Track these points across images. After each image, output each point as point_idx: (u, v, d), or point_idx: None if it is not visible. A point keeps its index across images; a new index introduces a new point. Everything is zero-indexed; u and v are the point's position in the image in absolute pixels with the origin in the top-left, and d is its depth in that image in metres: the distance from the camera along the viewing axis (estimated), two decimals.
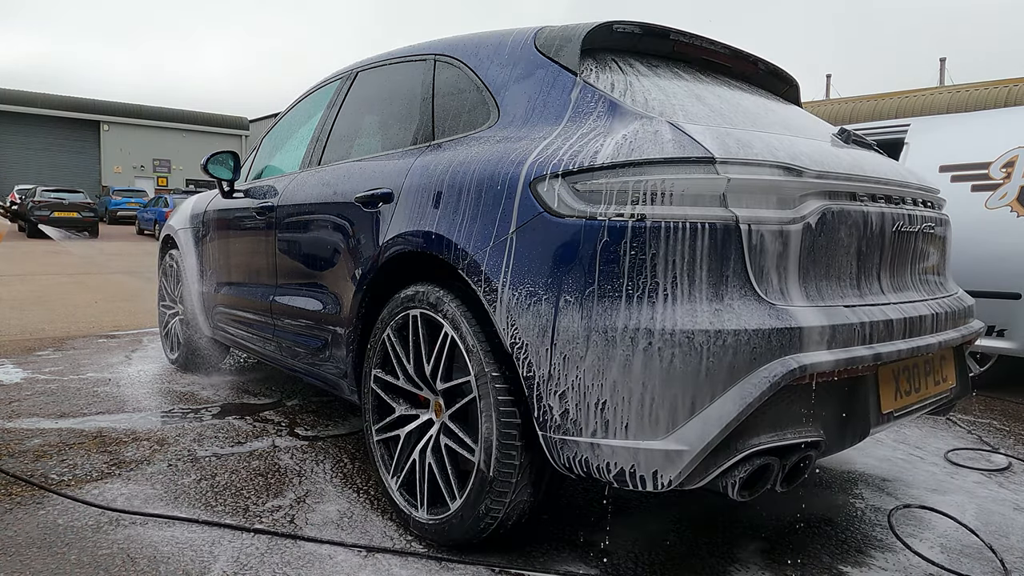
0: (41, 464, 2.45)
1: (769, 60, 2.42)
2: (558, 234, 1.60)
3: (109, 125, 36.25)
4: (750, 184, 1.53)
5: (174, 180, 36.89)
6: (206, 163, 3.29)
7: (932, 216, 2.02)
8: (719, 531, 2.09)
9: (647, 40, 2.09)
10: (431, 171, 2.02)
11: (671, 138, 1.57)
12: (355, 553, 1.88)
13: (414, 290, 1.98)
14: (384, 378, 2.11)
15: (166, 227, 4.21)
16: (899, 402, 1.79)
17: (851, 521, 2.20)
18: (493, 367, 1.72)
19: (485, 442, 1.73)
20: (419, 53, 2.47)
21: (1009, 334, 3.55)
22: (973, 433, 3.20)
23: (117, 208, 25.95)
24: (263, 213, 2.94)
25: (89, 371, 3.93)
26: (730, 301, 1.49)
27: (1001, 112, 4.15)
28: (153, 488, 2.27)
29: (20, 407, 3.16)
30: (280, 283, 2.82)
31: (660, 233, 1.50)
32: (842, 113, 16.90)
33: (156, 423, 3.00)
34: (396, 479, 2.06)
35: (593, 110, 1.76)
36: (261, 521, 2.05)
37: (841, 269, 1.68)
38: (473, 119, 2.09)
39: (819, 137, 1.96)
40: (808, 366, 1.46)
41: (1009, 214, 3.57)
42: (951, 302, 2.03)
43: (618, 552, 1.93)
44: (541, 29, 2.08)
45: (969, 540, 2.08)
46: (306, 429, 2.97)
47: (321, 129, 2.88)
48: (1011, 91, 14.37)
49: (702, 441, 1.43)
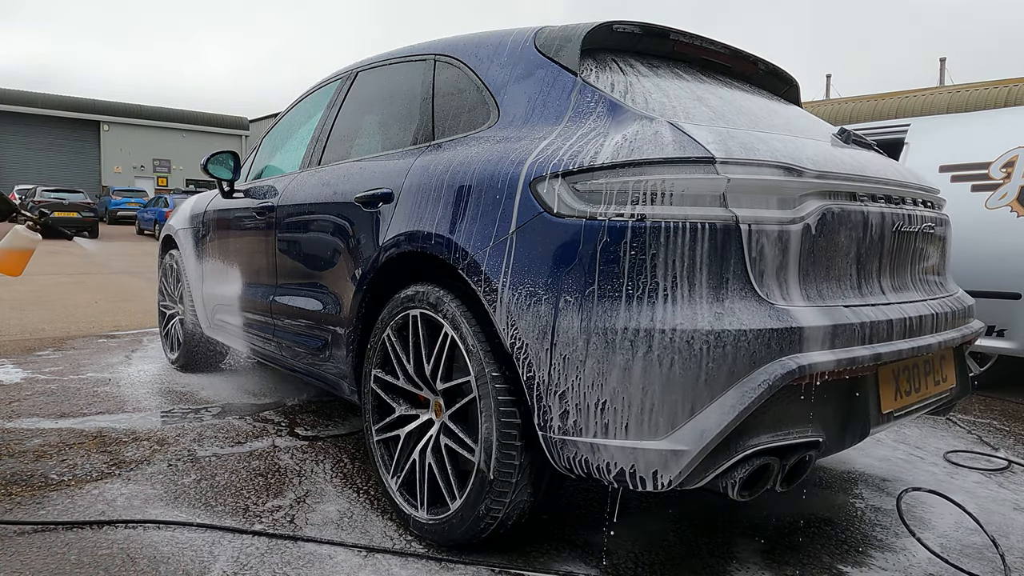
0: (41, 464, 2.45)
1: (769, 60, 2.42)
2: (558, 234, 1.60)
3: (109, 125, 36.23)
4: (750, 184, 1.53)
5: (174, 180, 36.87)
6: (206, 163, 3.29)
7: (932, 216, 2.02)
8: (719, 531, 2.09)
9: (647, 40, 2.09)
10: (431, 171, 2.02)
11: (671, 138, 1.57)
12: (355, 553, 1.88)
13: (414, 290, 1.98)
14: (384, 378, 2.11)
15: (166, 227, 4.21)
16: (899, 402, 1.79)
17: (851, 521, 2.20)
18: (493, 367, 1.72)
19: (485, 442, 1.73)
20: (419, 53, 2.47)
21: (1009, 334, 3.55)
22: (973, 433, 3.20)
23: (117, 208, 25.93)
24: (263, 213, 2.94)
25: (89, 371, 3.93)
26: (730, 301, 1.49)
27: (1001, 112, 4.15)
28: (153, 488, 2.27)
29: (20, 407, 3.16)
30: (280, 283, 2.82)
31: (660, 233, 1.50)
32: (842, 113, 16.90)
33: (156, 423, 3.00)
34: (396, 479, 2.06)
35: (593, 110, 1.76)
36: (261, 521, 2.05)
37: (841, 269, 1.68)
38: (473, 119, 2.09)
39: (819, 137, 1.96)
40: (808, 366, 1.46)
41: (1009, 214, 3.57)
42: (951, 302, 2.03)
43: (618, 552, 1.93)
44: (541, 29, 2.08)
45: (970, 539, 2.08)
46: (306, 429, 2.97)
47: (321, 129, 2.88)
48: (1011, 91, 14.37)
49: (702, 441, 1.43)
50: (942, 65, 22.18)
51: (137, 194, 27.24)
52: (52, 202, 18.69)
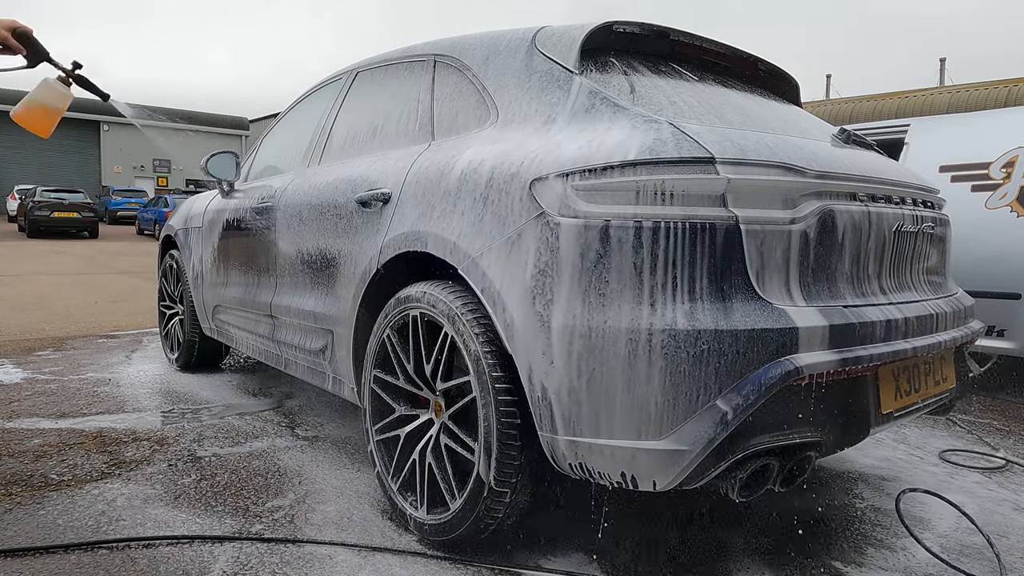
0: (41, 464, 2.45)
1: (769, 60, 2.42)
2: (558, 234, 1.59)
3: (109, 125, 36.20)
4: (750, 184, 1.53)
5: (174, 180, 36.86)
6: (206, 163, 3.29)
7: (932, 216, 2.02)
8: (719, 531, 2.09)
9: (647, 40, 2.09)
10: (431, 171, 2.02)
11: (671, 138, 1.57)
12: (355, 553, 1.88)
13: (414, 290, 1.98)
14: (384, 378, 2.11)
15: (166, 227, 4.21)
16: (899, 402, 1.79)
17: (851, 521, 2.20)
18: (493, 367, 1.72)
19: (485, 442, 1.73)
20: (419, 53, 2.47)
21: (1009, 334, 3.55)
22: (973, 433, 3.20)
23: (117, 208, 25.94)
24: (263, 213, 2.94)
25: (89, 371, 3.93)
26: (730, 301, 1.49)
27: (1001, 112, 4.15)
28: (153, 488, 2.27)
29: (20, 407, 3.16)
30: (280, 283, 2.82)
31: (660, 233, 1.49)
32: (842, 113, 16.90)
33: (156, 423, 3.00)
34: (396, 479, 2.06)
35: (593, 110, 1.76)
36: (261, 521, 2.05)
37: (841, 269, 1.68)
38: (473, 119, 2.09)
39: (819, 137, 1.96)
40: (808, 366, 1.46)
41: (1009, 214, 3.57)
42: (951, 302, 2.03)
43: (618, 552, 1.93)
44: (541, 29, 2.08)
45: (969, 539, 2.08)
46: (306, 429, 2.97)
47: (321, 129, 2.88)
48: (1011, 91, 14.37)
49: (701, 441, 1.43)
50: (942, 65, 22.18)
51: (137, 194, 27.25)
52: (52, 202, 18.69)
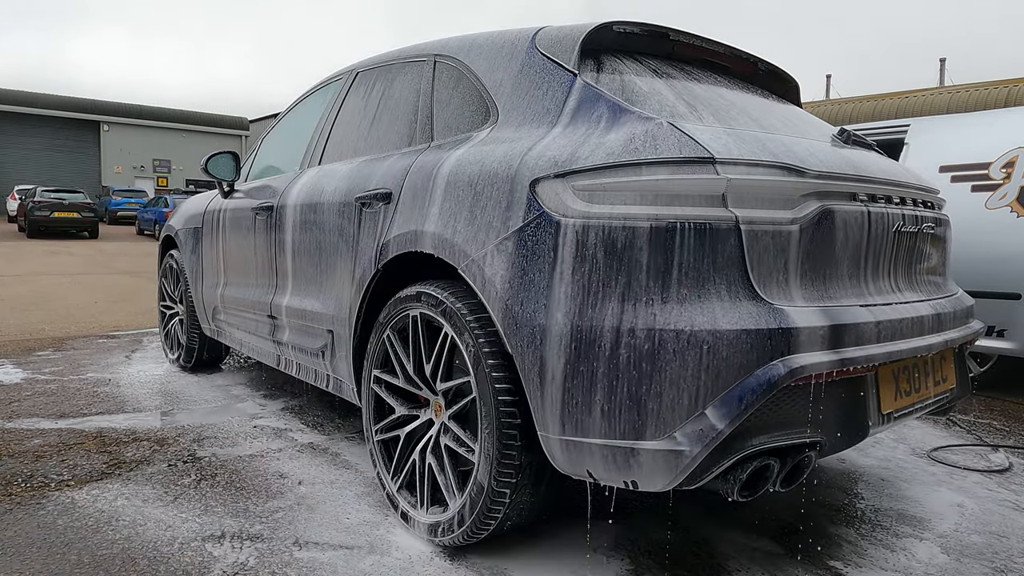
0: (41, 464, 2.45)
1: (769, 60, 2.42)
2: (558, 234, 1.60)
3: (109, 125, 36.19)
4: (750, 184, 1.53)
5: (174, 180, 36.86)
6: (206, 163, 3.29)
7: (932, 216, 2.02)
8: (719, 531, 2.09)
9: (647, 40, 2.09)
10: (431, 171, 2.02)
11: (671, 138, 1.57)
12: (355, 553, 1.88)
13: (414, 290, 1.98)
14: (384, 378, 2.11)
15: (166, 227, 4.21)
16: (899, 402, 1.79)
17: (851, 521, 2.20)
18: (493, 367, 1.72)
19: (485, 443, 1.73)
20: (418, 53, 2.47)
21: (1009, 334, 3.55)
22: (973, 433, 3.20)
23: (117, 208, 25.91)
24: (263, 213, 2.94)
25: (89, 371, 3.93)
26: (730, 302, 1.49)
27: (1001, 112, 4.15)
28: (153, 488, 2.27)
29: (20, 407, 3.16)
30: (280, 283, 2.82)
31: (660, 233, 1.50)
32: (842, 113, 16.91)
33: (156, 423, 3.00)
34: (396, 479, 2.06)
35: (593, 110, 1.76)
36: (261, 522, 2.05)
37: (841, 270, 1.68)
38: (473, 119, 2.09)
39: (819, 137, 1.96)
40: (808, 366, 1.46)
41: (1009, 214, 3.57)
42: (951, 302, 2.03)
43: (618, 552, 1.93)
44: (541, 29, 2.08)
45: (970, 539, 2.08)
46: (306, 429, 2.97)
47: (321, 129, 2.88)
48: (1011, 91, 14.38)
49: (701, 441, 1.43)
50: (942, 65, 22.18)
51: (137, 194, 27.22)
52: (52, 202, 18.69)
